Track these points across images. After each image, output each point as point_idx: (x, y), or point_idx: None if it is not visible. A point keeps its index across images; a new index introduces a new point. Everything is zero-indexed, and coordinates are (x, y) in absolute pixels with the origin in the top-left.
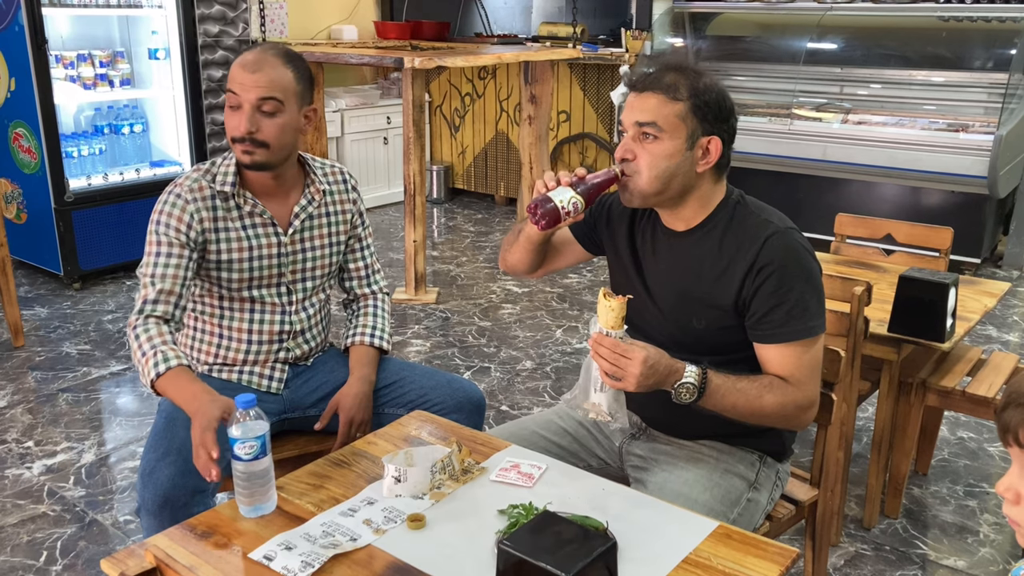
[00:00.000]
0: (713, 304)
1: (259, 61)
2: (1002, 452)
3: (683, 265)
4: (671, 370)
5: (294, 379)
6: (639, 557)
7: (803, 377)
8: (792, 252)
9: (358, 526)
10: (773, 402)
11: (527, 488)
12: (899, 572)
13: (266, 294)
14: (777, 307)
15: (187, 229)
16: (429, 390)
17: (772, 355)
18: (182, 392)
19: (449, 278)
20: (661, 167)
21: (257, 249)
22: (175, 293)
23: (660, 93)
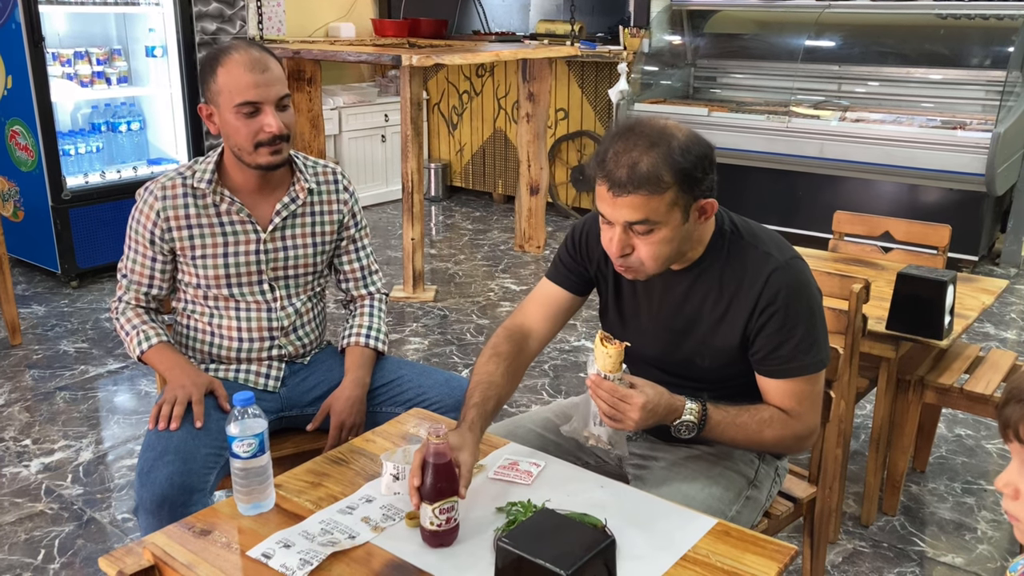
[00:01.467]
0: (717, 345)
1: (261, 60)
2: (1000, 449)
3: (682, 305)
4: (671, 409)
5: (291, 377)
6: (638, 554)
7: (804, 410)
8: (795, 289)
9: (356, 524)
10: (772, 436)
11: (526, 486)
12: (897, 569)
13: (247, 292)
14: (783, 344)
15: (152, 227)
16: (427, 388)
17: (774, 388)
18: (164, 363)
19: (447, 276)
20: (665, 253)
21: (233, 246)
22: (143, 285)
23: (643, 190)
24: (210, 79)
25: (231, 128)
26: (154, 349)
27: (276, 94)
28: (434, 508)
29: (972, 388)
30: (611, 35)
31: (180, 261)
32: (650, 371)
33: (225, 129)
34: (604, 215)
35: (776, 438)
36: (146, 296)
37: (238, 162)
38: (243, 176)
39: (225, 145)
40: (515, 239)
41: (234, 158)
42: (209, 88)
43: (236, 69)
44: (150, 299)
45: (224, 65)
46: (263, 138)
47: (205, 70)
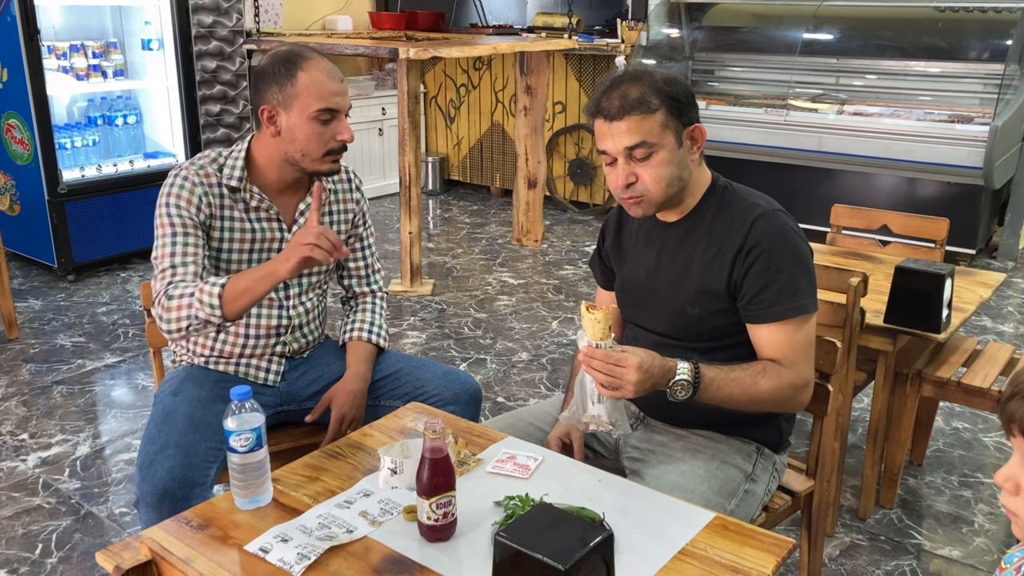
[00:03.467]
0: (705, 289)
1: (337, 70)
2: (997, 442)
3: (677, 254)
4: (664, 370)
5: (291, 372)
6: (635, 548)
7: (796, 357)
8: (780, 232)
9: (354, 518)
10: (768, 387)
11: (523, 480)
12: (894, 562)
13: None
14: (767, 286)
15: (196, 211)
16: (425, 382)
17: (764, 335)
18: (254, 273)
19: (445, 270)
20: (666, 175)
21: (260, 242)
22: (197, 274)
23: (635, 112)
24: (286, 82)
25: (301, 133)
26: (231, 279)
27: (349, 104)
28: (431, 503)
29: (970, 381)
30: (609, 28)
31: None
32: (645, 336)
33: (292, 133)
34: (606, 151)
35: (772, 388)
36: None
37: (282, 165)
38: (277, 175)
39: (276, 147)
40: (513, 233)
41: (276, 161)
42: (282, 90)
43: (320, 76)
44: None
45: (306, 70)
46: (334, 146)
47: (277, 72)
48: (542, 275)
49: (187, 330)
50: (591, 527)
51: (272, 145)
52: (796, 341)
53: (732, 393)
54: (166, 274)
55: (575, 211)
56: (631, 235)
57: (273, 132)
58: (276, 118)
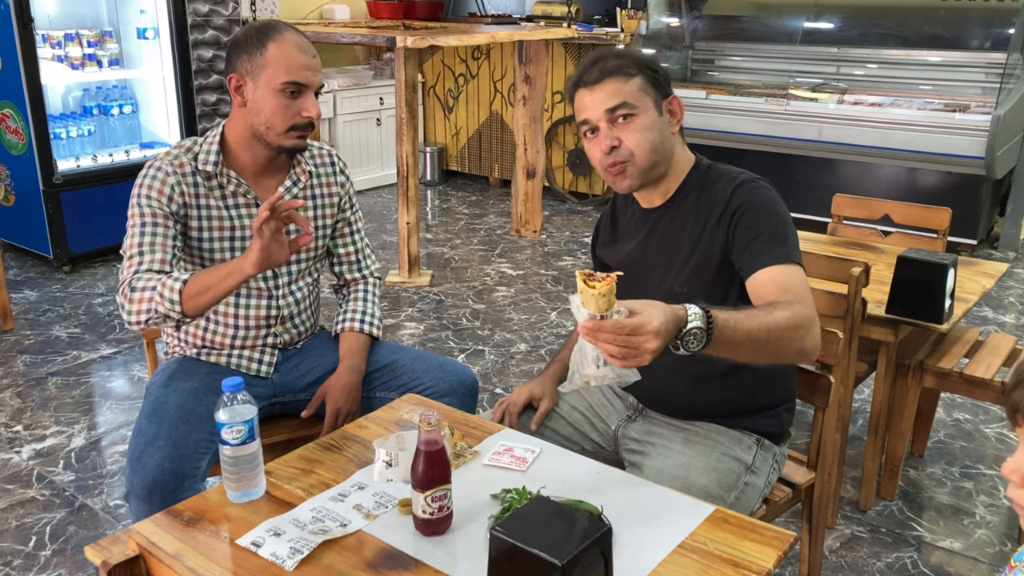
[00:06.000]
0: (697, 268)
1: (310, 45)
2: (998, 433)
3: (664, 239)
4: (676, 320)
5: (284, 363)
6: (634, 542)
7: (800, 294)
8: (761, 196)
9: (348, 511)
10: (784, 316)
11: (520, 472)
12: (895, 554)
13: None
14: (758, 236)
15: (168, 201)
16: (421, 373)
17: (763, 279)
18: (216, 272)
19: (443, 261)
20: (649, 139)
21: (240, 230)
22: (165, 261)
23: (615, 76)
24: (256, 52)
25: (267, 105)
26: (195, 276)
27: (319, 81)
28: (426, 496)
29: (972, 372)
30: (608, 17)
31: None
32: None
33: (257, 105)
34: (587, 119)
35: (789, 317)
36: (166, 274)
37: (251, 141)
38: (251, 157)
39: (244, 121)
40: (511, 223)
41: (245, 137)
42: (251, 60)
43: (290, 47)
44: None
45: (277, 41)
46: (300, 122)
47: (248, 42)
48: (541, 266)
49: (147, 323)
50: (589, 521)
51: (241, 120)
52: (796, 282)
53: (750, 329)
54: (132, 263)
55: (574, 202)
56: (623, 230)
57: (239, 103)
58: (243, 88)
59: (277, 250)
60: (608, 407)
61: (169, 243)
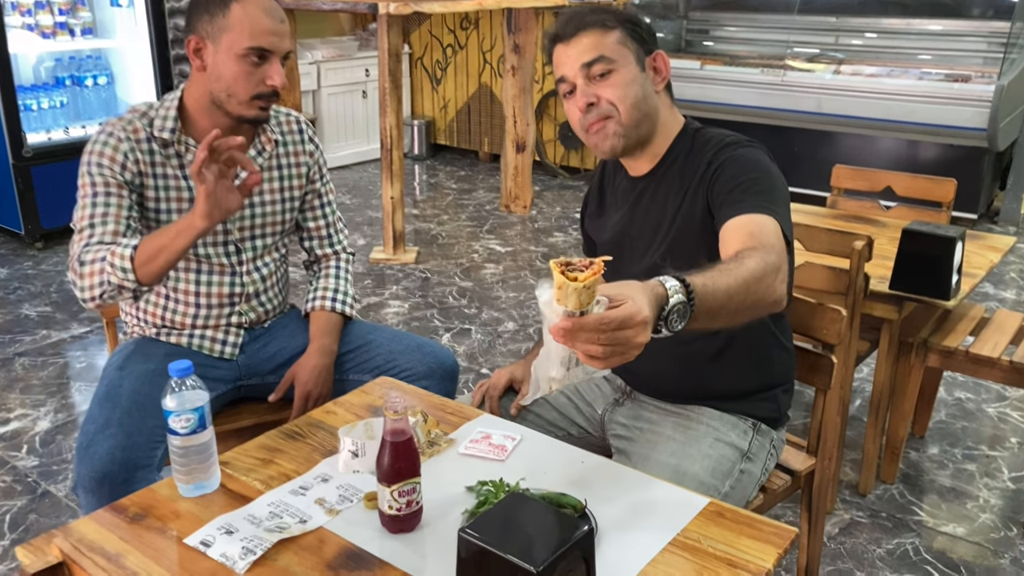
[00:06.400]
0: (680, 234)
1: (279, 8)
2: (1000, 413)
3: (649, 208)
4: (656, 299)
5: (250, 343)
6: (621, 540)
7: (767, 241)
8: (748, 152)
9: (309, 506)
10: (754, 264)
11: (499, 462)
12: (896, 540)
13: (212, 253)
14: (736, 188)
15: (121, 169)
16: (397, 355)
17: (731, 228)
18: (166, 232)
19: (429, 237)
20: (631, 94)
21: None
22: (119, 234)
23: (592, 29)
24: (218, 12)
25: (228, 71)
26: (145, 239)
27: (286, 47)
28: (392, 491)
29: (978, 351)
30: None
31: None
32: None
33: (218, 70)
34: (564, 76)
35: (759, 264)
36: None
37: (210, 108)
38: (211, 124)
39: (203, 86)
40: (501, 199)
41: (204, 104)
42: (213, 21)
43: (255, 9)
44: None
45: (242, 3)
46: (263, 90)
47: (210, 0)
48: (530, 242)
49: (102, 298)
50: (568, 521)
51: (200, 85)
52: (766, 230)
53: (729, 287)
54: (83, 236)
55: (565, 176)
56: (610, 201)
57: (199, 67)
58: (202, 51)
59: (226, 197)
60: (595, 390)
61: (123, 214)
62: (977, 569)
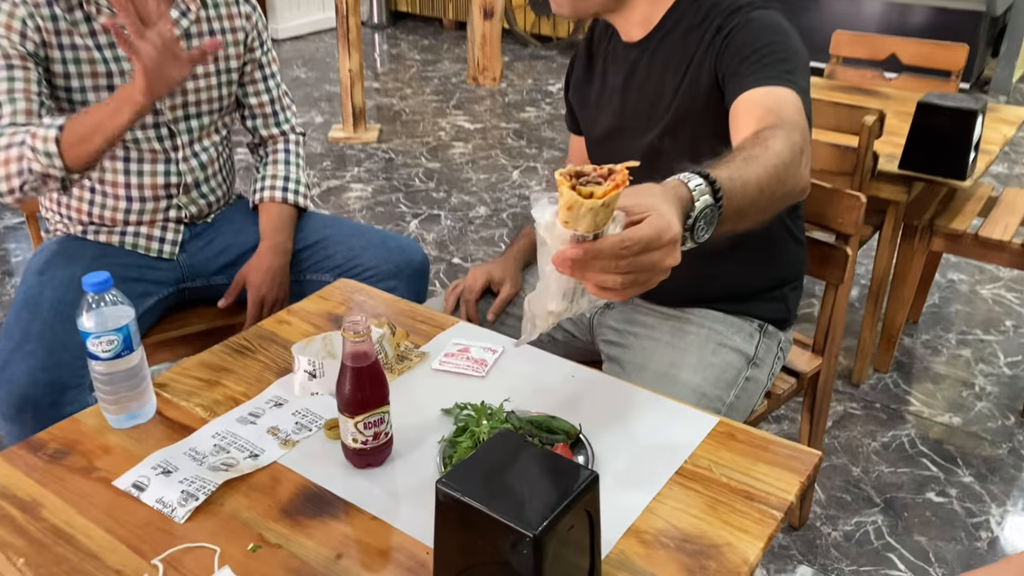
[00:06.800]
0: (679, 113)
1: None
2: (995, 295)
3: (647, 80)
4: (681, 203)
5: (192, 241)
6: (620, 471)
7: (790, 117)
8: (763, 15)
9: (261, 437)
10: (781, 145)
11: (479, 378)
12: (891, 432)
13: (141, 137)
14: (749, 56)
15: (21, 39)
16: (359, 251)
17: (745, 103)
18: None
19: (392, 113)
20: None
21: (118, 76)
22: (32, 113)
23: None
24: None
25: None
26: (74, 118)
27: None
28: (357, 423)
29: (988, 234)
30: None
31: (50, 92)
32: None
33: None
34: None
35: (785, 145)
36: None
37: None
38: None
39: None
40: (468, 70)
41: None
42: None
43: None
44: None
45: None
46: None
47: None
48: (501, 118)
49: (23, 190)
50: (567, 468)
51: None
52: (787, 103)
53: (759, 176)
54: None
55: (537, 45)
56: (599, 68)
57: None
58: None
59: (170, 65)
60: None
61: (33, 89)
62: (974, 460)
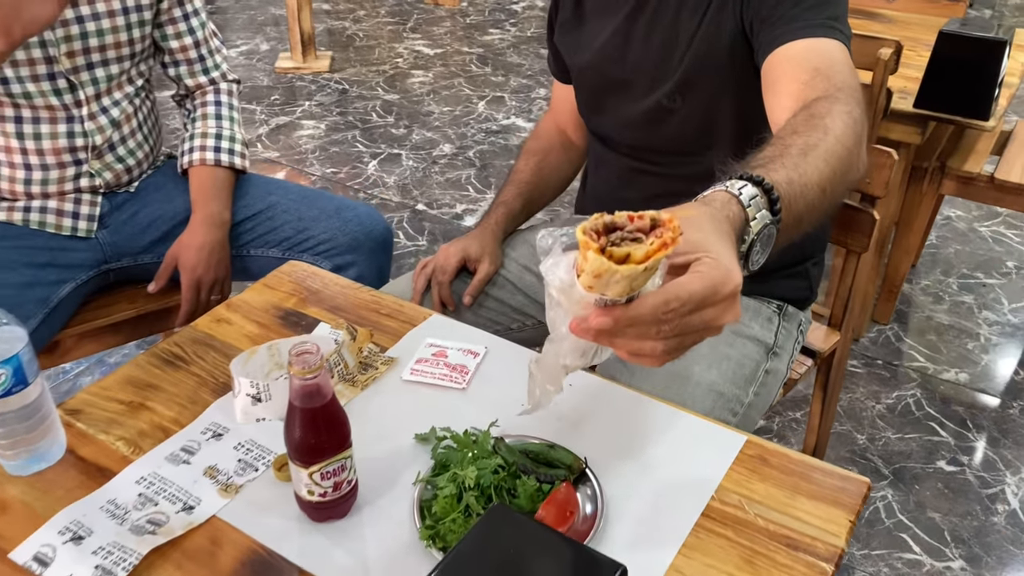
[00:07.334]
0: (695, 64)
1: None
2: (995, 232)
3: (655, 22)
4: (734, 223)
5: (113, 214)
6: (633, 513)
7: (844, 80)
8: None
9: (197, 482)
10: (843, 124)
11: (459, 390)
12: (896, 393)
13: (34, 91)
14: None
15: None
16: (311, 222)
17: (784, 59)
18: None
19: (345, 38)
20: None
21: None
22: None
23: None
24: None
25: None
26: None
27: None
28: (312, 473)
29: (1005, 177)
30: None
31: None
32: (603, 152)
33: None
34: None
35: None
36: None
37: None
38: None
39: None
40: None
41: None
42: None
43: None
44: None
45: None
46: None
47: None
48: (463, 42)
49: None
50: (586, 565)
51: None
52: (836, 59)
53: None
54: None
55: None
56: (591, 6)
57: None
58: None
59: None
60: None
61: None
62: (984, 422)
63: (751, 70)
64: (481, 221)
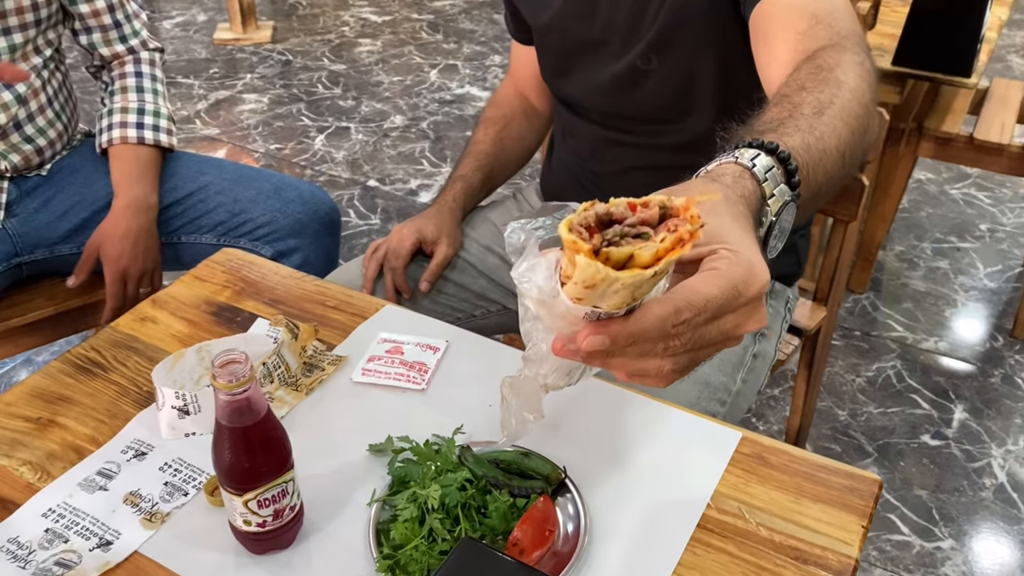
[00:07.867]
0: (675, 17)
1: None
2: (966, 195)
3: None
4: (751, 210)
5: (23, 200)
6: (620, 528)
7: (849, 26)
8: None
9: (116, 511)
10: (855, 76)
11: (418, 391)
12: (875, 365)
13: None
14: None
15: None
16: (248, 204)
17: (780, 7)
18: None
19: (287, 7)
20: None
21: None
22: None
23: None
24: None
25: None
26: None
27: None
28: (247, 501)
29: (984, 136)
30: None
31: None
32: (571, 119)
33: None
34: None
35: (858, 73)
36: None
37: None
38: None
39: None
40: None
41: None
42: None
43: None
44: None
45: None
46: None
47: None
48: (412, 8)
49: None
50: None
51: None
52: (837, 4)
53: (839, 134)
54: None
55: None
56: None
57: None
58: None
59: None
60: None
61: None
62: (967, 392)
63: (735, 22)
64: (437, 198)
